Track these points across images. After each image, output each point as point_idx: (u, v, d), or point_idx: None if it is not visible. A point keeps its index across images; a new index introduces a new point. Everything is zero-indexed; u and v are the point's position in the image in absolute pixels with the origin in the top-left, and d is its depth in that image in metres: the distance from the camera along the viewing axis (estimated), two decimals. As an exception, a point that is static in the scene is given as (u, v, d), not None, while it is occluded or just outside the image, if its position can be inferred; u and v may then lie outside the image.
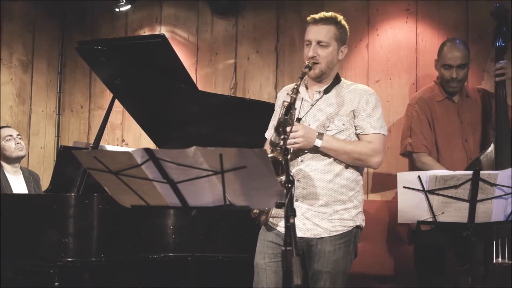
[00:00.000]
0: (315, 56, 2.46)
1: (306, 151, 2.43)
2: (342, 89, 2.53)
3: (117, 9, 5.03)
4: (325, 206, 2.42)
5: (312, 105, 2.50)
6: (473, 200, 2.32)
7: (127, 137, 5.19)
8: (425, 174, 2.35)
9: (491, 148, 3.03)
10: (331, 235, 2.42)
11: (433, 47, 3.51)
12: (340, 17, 2.56)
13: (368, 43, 4.32)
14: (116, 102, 3.49)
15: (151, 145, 3.91)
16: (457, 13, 4.05)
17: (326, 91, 2.51)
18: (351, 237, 2.46)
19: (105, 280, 3.08)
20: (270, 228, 2.50)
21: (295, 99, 2.32)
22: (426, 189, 2.35)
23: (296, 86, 2.35)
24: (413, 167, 3.35)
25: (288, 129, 2.13)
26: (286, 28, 4.62)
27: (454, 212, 2.37)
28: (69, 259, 2.77)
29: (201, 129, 3.51)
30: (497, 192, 2.32)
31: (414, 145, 3.27)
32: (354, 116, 2.47)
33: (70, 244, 2.78)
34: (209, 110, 3.44)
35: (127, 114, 4.44)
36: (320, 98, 2.51)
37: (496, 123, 3.10)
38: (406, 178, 2.39)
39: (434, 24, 4.12)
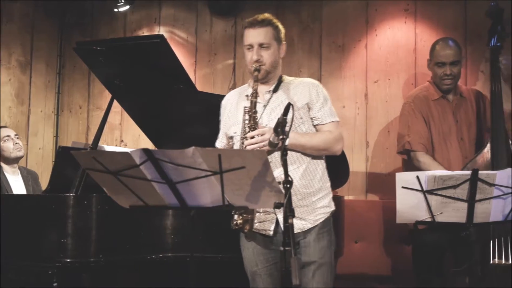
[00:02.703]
0: (259, 59, 2.52)
1: (273, 151, 2.44)
2: (289, 85, 2.59)
3: (116, 10, 5.02)
4: (303, 199, 2.47)
5: (265, 106, 2.55)
6: (471, 200, 2.32)
7: (125, 137, 5.19)
8: (423, 174, 2.35)
9: (487, 148, 3.04)
10: (315, 224, 2.47)
11: (432, 48, 3.52)
12: (273, 18, 2.63)
13: (367, 43, 4.32)
14: (115, 102, 3.49)
15: (149, 145, 3.91)
16: (456, 13, 4.07)
17: (275, 90, 2.57)
18: (330, 226, 2.53)
19: (103, 280, 3.07)
20: (255, 235, 2.51)
21: (256, 103, 2.44)
22: (424, 189, 2.35)
23: (255, 90, 2.45)
24: (408, 165, 3.36)
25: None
26: (284, 29, 4.59)
27: (453, 212, 2.37)
28: (68, 260, 2.77)
29: (200, 130, 3.50)
30: (496, 192, 2.32)
31: (413, 144, 3.29)
32: (309, 109, 2.54)
33: (68, 245, 2.78)
34: (208, 111, 3.43)
35: (125, 115, 4.44)
36: (270, 98, 2.56)
37: (491, 118, 3.10)
38: (404, 178, 2.39)
39: (433, 24, 4.13)
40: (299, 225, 2.44)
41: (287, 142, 2.40)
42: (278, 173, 2.35)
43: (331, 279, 2.49)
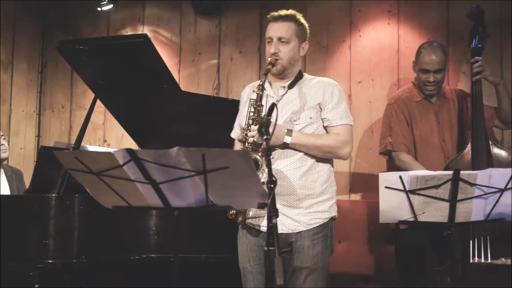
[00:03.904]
0: (277, 53, 2.50)
1: (276, 148, 2.45)
2: (305, 83, 2.57)
3: (99, 9, 4.99)
4: (300, 200, 2.44)
5: (278, 101, 2.53)
6: (453, 200, 2.34)
7: (109, 137, 5.15)
8: (406, 174, 2.37)
9: (468, 148, 3.08)
10: (308, 228, 2.44)
11: (415, 49, 3.55)
12: (299, 15, 2.60)
13: (350, 44, 4.35)
14: (98, 102, 3.46)
15: (133, 145, 3.88)
16: (438, 14, 4.10)
17: (290, 86, 2.55)
18: (328, 231, 2.50)
19: (86, 281, 3.05)
20: (251, 230, 2.50)
21: (261, 96, 2.39)
22: (407, 189, 2.37)
23: (261, 83, 2.41)
24: (391, 165, 3.39)
25: (270, 129, 2.14)
26: (269, 29, 4.63)
27: (435, 212, 2.39)
28: (50, 261, 2.74)
29: (184, 130, 3.50)
30: (477, 192, 2.34)
31: (394, 144, 3.31)
32: (321, 109, 2.51)
33: (50, 246, 2.75)
34: (192, 111, 3.43)
35: (109, 114, 4.40)
36: (285, 94, 2.54)
37: (471, 119, 3.14)
38: (387, 178, 2.41)
39: (416, 25, 4.16)
40: (290, 225, 2.43)
41: (288, 140, 2.39)
42: (277, 166, 2.36)
43: (325, 283, 2.47)
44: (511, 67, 3.89)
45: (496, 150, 3.06)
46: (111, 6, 4.97)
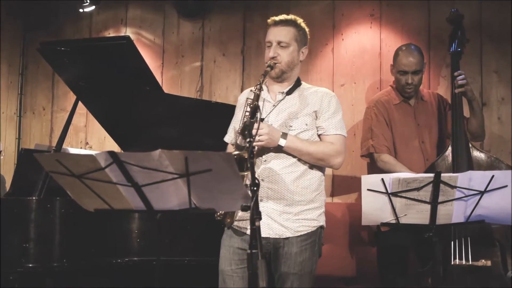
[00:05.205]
0: (275, 56, 2.52)
1: (270, 151, 2.46)
2: (303, 91, 2.59)
3: (81, 10, 4.94)
4: (290, 206, 2.45)
5: (275, 106, 2.54)
6: (434, 202, 2.37)
7: (91, 140, 5.11)
8: (388, 177, 2.39)
9: (449, 151, 3.10)
10: (296, 235, 2.45)
11: (396, 52, 3.59)
12: (299, 20, 2.63)
13: (333, 47, 4.37)
14: (80, 104, 3.44)
15: (115, 148, 3.86)
16: (419, 18, 4.15)
17: (289, 92, 2.56)
18: (316, 237, 2.50)
19: (67, 285, 3.02)
20: (237, 233, 2.49)
21: (258, 95, 2.37)
22: (389, 192, 2.38)
23: (259, 83, 2.40)
24: (373, 167, 3.41)
25: (254, 131, 2.15)
26: (252, 31, 4.64)
27: (416, 214, 2.41)
28: (30, 265, 2.71)
29: (167, 132, 3.49)
30: (457, 194, 2.37)
31: (376, 146, 3.34)
32: (316, 117, 2.53)
33: (31, 250, 2.72)
34: (175, 113, 3.42)
35: (91, 117, 4.37)
36: (282, 99, 2.55)
37: (452, 122, 3.15)
38: (370, 180, 2.42)
39: (397, 29, 4.21)
40: (278, 230, 2.44)
41: (282, 143, 2.39)
42: (270, 169, 2.37)
43: (310, 286, 2.48)
44: (491, 71, 3.96)
45: (476, 153, 3.09)
46: (93, 7, 4.93)
